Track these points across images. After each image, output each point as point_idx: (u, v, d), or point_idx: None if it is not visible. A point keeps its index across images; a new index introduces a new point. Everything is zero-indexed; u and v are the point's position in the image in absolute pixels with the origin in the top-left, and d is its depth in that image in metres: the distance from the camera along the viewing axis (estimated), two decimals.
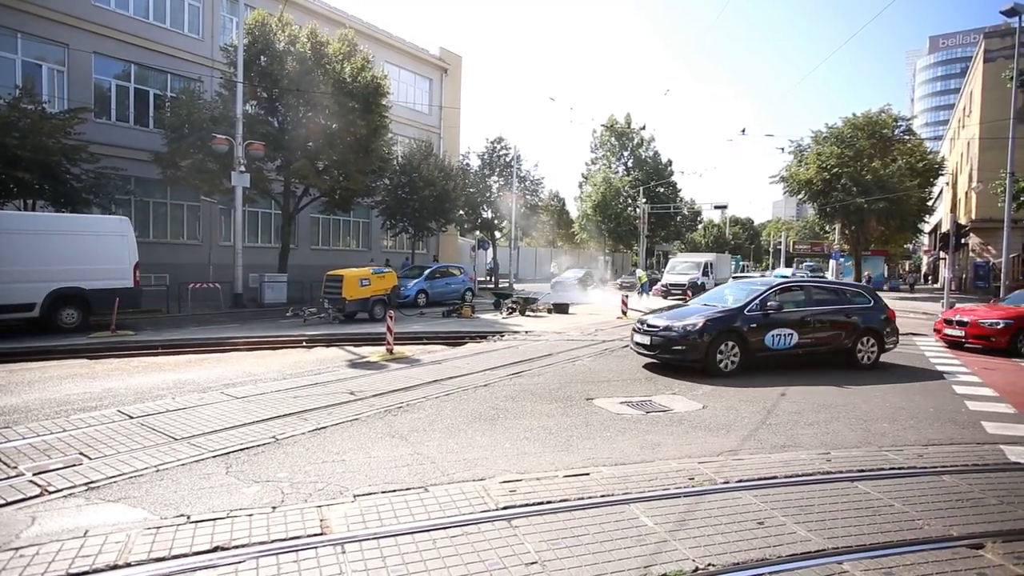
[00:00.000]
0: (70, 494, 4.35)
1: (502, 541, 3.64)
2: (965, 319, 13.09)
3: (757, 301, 9.69)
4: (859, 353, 10.28)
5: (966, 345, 13.01)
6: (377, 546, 3.59)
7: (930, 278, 59.32)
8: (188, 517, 3.97)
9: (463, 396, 7.67)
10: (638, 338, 9.93)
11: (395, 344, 10.94)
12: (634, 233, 47.22)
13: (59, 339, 11.75)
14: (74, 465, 4.89)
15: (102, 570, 3.30)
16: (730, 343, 9.32)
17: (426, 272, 23.07)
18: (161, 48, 21.77)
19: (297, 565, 3.37)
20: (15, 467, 4.81)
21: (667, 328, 9.54)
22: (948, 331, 13.44)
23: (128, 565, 3.36)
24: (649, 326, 9.84)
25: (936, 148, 55.37)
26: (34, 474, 4.67)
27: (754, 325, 9.49)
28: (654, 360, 10.02)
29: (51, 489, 4.40)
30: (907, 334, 15.72)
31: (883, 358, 10.74)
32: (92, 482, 4.56)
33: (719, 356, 9.22)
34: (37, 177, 14.60)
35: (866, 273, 38.14)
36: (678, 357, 9.36)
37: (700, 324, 9.28)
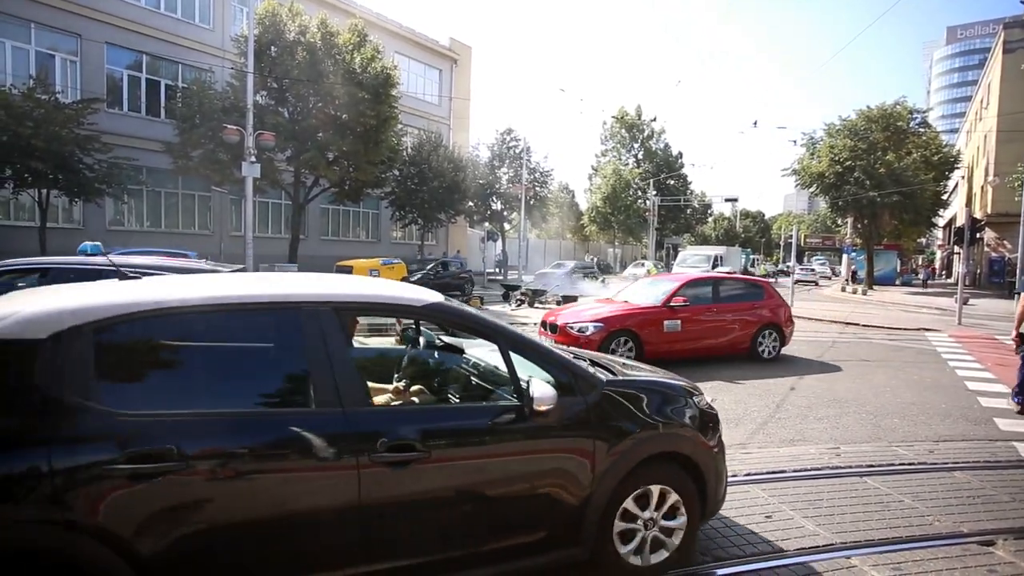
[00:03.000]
0: None
1: None
2: (558, 322, 9.61)
3: None
4: None
5: None
6: None
7: (944, 273, 58.63)
8: None
9: None
10: None
11: None
12: (644, 226, 47.00)
13: None
14: None
15: None
16: None
17: None
18: (172, 38, 21.83)
19: None
20: None
21: None
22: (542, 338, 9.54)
23: None
24: None
25: (952, 141, 54.60)
26: None
27: None
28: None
29: None
30: (918, 329, 15.62)
31: None
32: None
33: None
34: (51, 167, 14.73)
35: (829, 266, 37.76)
36: None
37: None
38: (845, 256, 40.44)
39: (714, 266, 31.53)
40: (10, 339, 2.08)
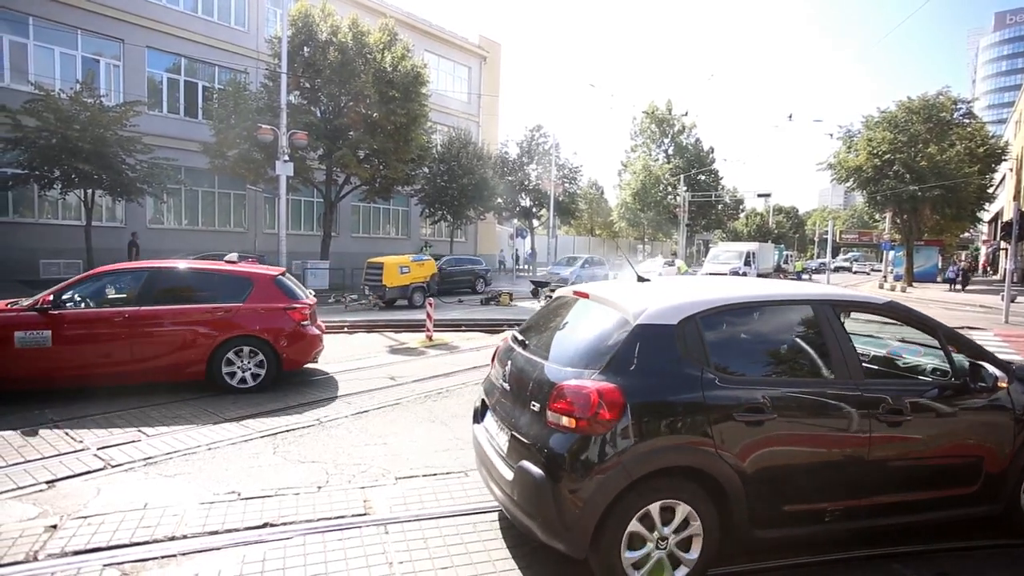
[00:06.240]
0: (130, 468, 4.60)
1: None
2: None
3: None
4: None
5: None
6: (419, 528, 3.68)
7: (989, 269, 56.42)
8: (239, 494, 4.14)
9: None
10: None
11: (434, 331, 11.08)
12: (674, 222, 46.42)
13: None
14: (134, 441, 5.16)
15: (160, 540, 3.49)
16: None
17: None
18: (209, 41, 22.39)
19: (342, 543, 3.48)
20: (80, 441, 5.10)
21: None
22: None
23: (184, 537, 3.54)
24: None
25: (999, 132, 52.39)
26: (98, 448, 4.95)
27: None
28: None
29: (113, 463, 4.66)
30: (962, 327, 15.05)
31: None
32: (150, 457, 4.80)
33: None
34: (96, 168, 15.29)
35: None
36: None
37: None
38: (885, 252, 39.17)
39: (746, 262, 30.99)
40: (657, 323, 3.10)
